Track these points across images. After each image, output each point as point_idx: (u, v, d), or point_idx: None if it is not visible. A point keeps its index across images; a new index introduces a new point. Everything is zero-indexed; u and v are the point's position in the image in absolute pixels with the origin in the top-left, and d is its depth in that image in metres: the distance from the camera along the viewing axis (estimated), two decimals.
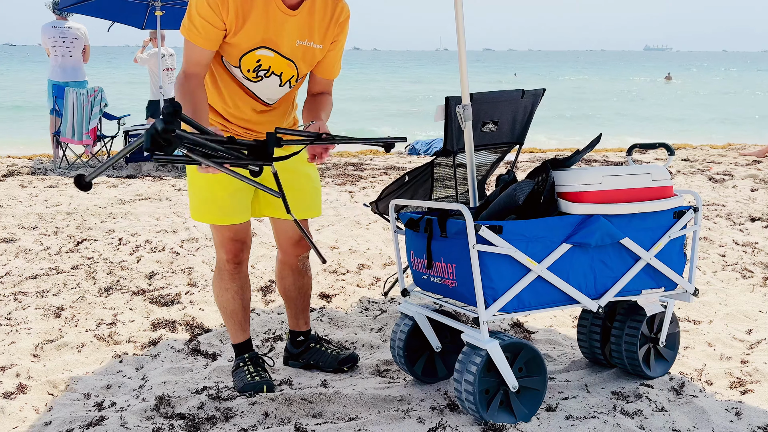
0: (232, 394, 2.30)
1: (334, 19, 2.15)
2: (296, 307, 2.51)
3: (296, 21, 2.08)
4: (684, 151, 8.97)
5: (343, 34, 2.20)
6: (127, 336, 2.86)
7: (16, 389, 2.36)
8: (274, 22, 2.05)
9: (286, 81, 2.17)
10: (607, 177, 2.17)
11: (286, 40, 2.09)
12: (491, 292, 2.01)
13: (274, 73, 2.13)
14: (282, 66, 2.13)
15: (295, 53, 2.12)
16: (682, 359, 2.60)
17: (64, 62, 7.18)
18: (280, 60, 2.11)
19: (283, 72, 2.14)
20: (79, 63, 7.33)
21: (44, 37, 7.17)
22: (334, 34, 2.17)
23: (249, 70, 2.11)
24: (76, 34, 7.23)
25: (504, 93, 2.85)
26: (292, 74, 2.16)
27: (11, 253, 4.03)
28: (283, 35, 2.08)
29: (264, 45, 2.06)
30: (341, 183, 6.42)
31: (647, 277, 2.27)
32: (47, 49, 7.21)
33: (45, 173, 6.82)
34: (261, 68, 2.11)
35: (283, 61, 2.12)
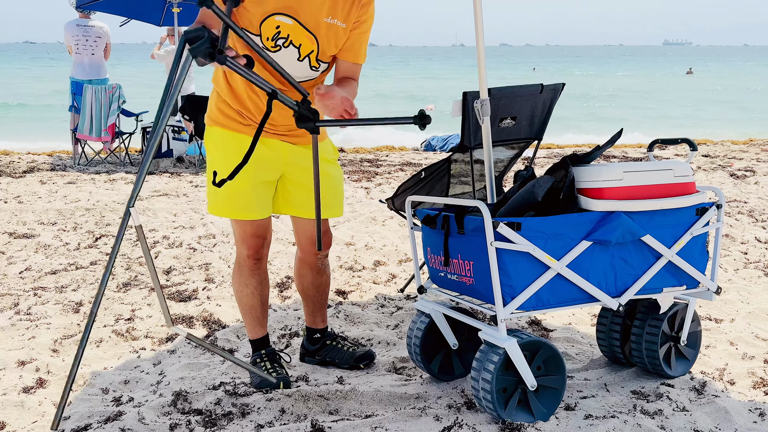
0: (248, 390, 2.30)
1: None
2: (314, 305, 2.50)
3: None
4: (705, 146, 8.84)
5: (367, 15, 2.16)
6: (145, 331, 2.88)
7: (36, 384, 2.38)
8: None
9: (304, 56, 2.11)
10: (628, 173, 2.13)
11: (309, 12, 2.06)
12: (509, 289, 1.99)
13: (292, 43, 2.08)
14: (301, 37, 2.08)
15: (319, 29, 2.09)
16: (704, 358, 2.55)
17: (87, 60, 7.25)
18: (299, 29, 2.07)
19: (302, 44, 2.09)
20: (101, 61, 7.39)
21: (68, 35, 7.23)
22: (356, 14, 2.13)
23: (268, 37, 2.06)
24: (99, 33, 7.29)
25: (522, 88, 2.82)
26: (311, 48, 2.11)
27: (31, 248, 4.08)
28: (306, 6, 2.05)
29: (284, 12, 2.03)
30: (357, 179, 6.42)
31: (669, 275, 2.23)
32: (69, 46, 7.27)
33: (64, 169, 6.89)
34: (280, 35, 2.06)
35: (303, 31, 2.08)
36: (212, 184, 2.16)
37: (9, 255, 3.95)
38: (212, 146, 2.23)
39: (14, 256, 3.92)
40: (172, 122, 7.44)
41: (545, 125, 3.00)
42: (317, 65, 2.16)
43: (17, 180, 6.24)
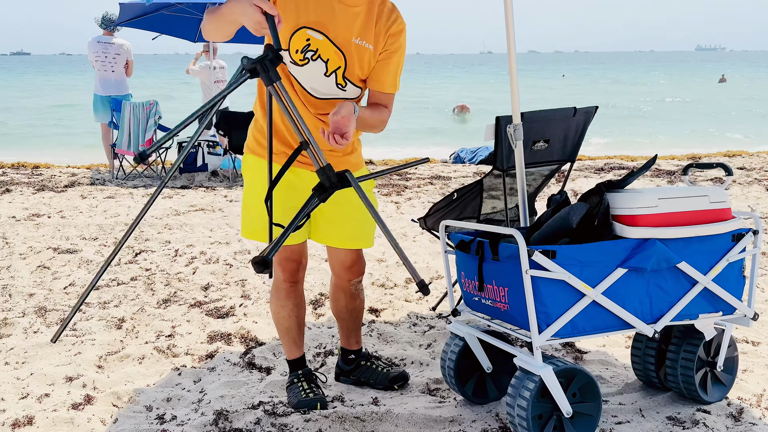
0: (287, 410, 2.36)
1: (388, 24, 2.16)
2: (348, 328, 2.56)
3: (353, 16, 2.11)
4: (740, 158, 8.68)
5: (396, 44, 2.19)
6: (185, 348, 2.97)
7: (84, 400, 2.48)
8: (330, 8, 2.09)
9: (331, 71, 2.15)
10: (663, 200, 2.14)
11: (339, 29, 2.11)
12: (544, 317, 2.02)
13: (320, 57, 2.13)
14: (329, 52, 2.13)
15: (349, 48, 2.14)
16: (741, 383, 2.53)
17: (106, 76, 7.46)
18: (328, 45, 2.12)
19: (329, 59, 2.13)
20: (122, 77, 7.57)
21: (89, 51, 7.48)
22: (385, 41, 2.17)
23: (297, 50, 2.11)
24: (119, 50, 7.49)
25: (556, 111, 2.84)
26: (338, 64, 2.14)
27: (74, 263, 4.22)
28: (338, 23, 2.11)
29: (314, 26, 2.09)
30: (387, 193, 6.47)
31: (704, 302, 2.23)
32: (93, 63, 7.50)
33: (103, 183, 7.10)
34: (309, 48, 2.11)
35: (332, 47, 2.12)
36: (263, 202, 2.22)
37: (54, 270, 4.09)
38: (248, 173, 2.31)
39: (59, 272, 4.06)
40: (207, 137, 7.61)
41: (578, 148, 3.01)
42: (344, 83, 2.18)
43: (59, 194, 6.45)
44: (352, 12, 2.11)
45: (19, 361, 2.83)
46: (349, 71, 2.17)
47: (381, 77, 2.22)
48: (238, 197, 6.37)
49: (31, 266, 4.16)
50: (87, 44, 7.52)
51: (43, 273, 4.04)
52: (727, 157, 8.92)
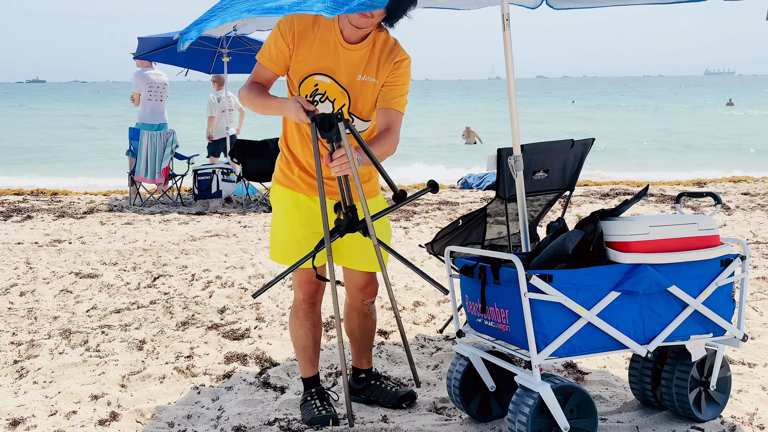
0: (301, 427, 2.50)
1: (391, 58, 2.36)
2: (360, 348, 2.70)
3: (356, 56, 2.33)
4: (745, 184, 8.79)
5: (401, 71, 2.36)
6: (204, 368, 3.11)
7: (109, 417, 2.63)
8: (334, 54, 2.32)
9: (338, 110, 2.36)
10: (654, 227, 2.29)
11: (344, 71, 2.33)
12: (543, 337, 2.15)
13: (328, 98, 2.36)
14: (335, 93, 2.36)
15: (353, 86, 2.35)
16: (735, 402, 2.64)
17: (155, 106, 7.73)
18: (335, 87, 2.35)
19: (336, 99, 2.36)
20: (164, 107, 7.88)
21: (141, 83, 7.67)
22: (389, 71, 2.36)
23: (307, 95, 2.35)
24: (165, 81, 7.84)
25: (555, 143, 3.01)
26: (343, 102, 2.36)
27: (95, 288, 4.40)
28: (341, 66, 2.33)
29: (321, 72, 2.33)
30: (395, 219, 6.64)
31: (695, 323, 2.35)
32: (137, 94, 7.72)
33: (121, 210, 7.32)
34: (317, 92, 2.35)
35: (338, 88, 2.35)
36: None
37: (76, 294, 4.27)
38: (274, 202, 2.50)
39: (81, 295, 4.24)
40: (221, 164, 7.85)
41: (576, 177, 3.17)
42: (350, 119, 2.38)
43: (79, 221, 6.67)
44: (356, 54, 2.33)
45: (47, 380, 2.99)
46: (353, 107, 2.39)
47: (388, 97, 2.38)
48: (252, 223, 6.56)
49: (55, 290, 4.34)
50: (136, 76, 7.73)
51: (66, 297, 4.22)
52: (732, 182, 9.03)
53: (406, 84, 2.40)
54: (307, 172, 2.44)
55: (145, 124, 7.65)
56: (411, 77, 2.43)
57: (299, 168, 2.45)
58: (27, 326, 3.68)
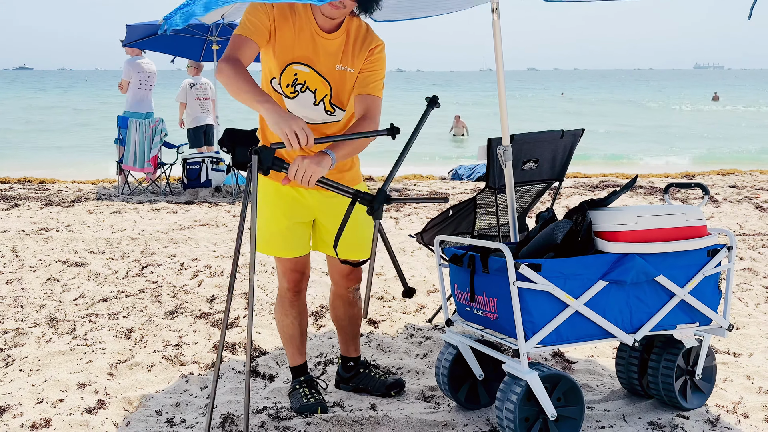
0: (289, 414, 2.50)
1: (365, 46, 2.34)
2: (347, 335, 2.71)
3: (333, 45, 2.30)
4: (733, 177, 8.86)
5: (376, 57, 2.33)
6: (192, 357, 3.11)
7: (97, 405, 2.62)
8: (312, 43, 2.28)
9: (319, 100, 2.33)
10: (642, 217, 2.30)
11: (323, 60, 2.30)
12: (531, 325, 2.17)
13: (308, 88, 2.32)
14: (316, 83, 2.32)
15: (333, 76, 2.33)
16: (720, 391, 2.67)
17: (143, 95, 7.64)
18: (315, 76, 2.31)
19: (317, 89, 2.33)
20: (151, 96, 7.80)
21: (132, 71, 7.57)
22: (363, 58, 2.34)
23: (288, 84, 2.32)
24: (154, 70, 7.74)
25: (544, 133, 3.01)
26: (325, 92, 2.33)
27: (83, 276, 4.37)
28: (320, 55, 2.30)
29: (300, 61, 2.29)
30: (386, 209, 6.63)
31: (682, 313, 2.37)
32: (126, 81, 7.62)
33: (109, 199, 7.26)
34: (297, 82, 2.31)
35: (318, 78, 2.32)
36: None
37: (63, 282, 4.24)
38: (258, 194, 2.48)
39: (68, 284, 4.21)
40: (211, 154, 7.79)
41: (566, 167, 3.18)
42: (332, 110, 2.36)
43: (66, 209, 6.62)
44: (333, 43, 2.31)
45: (34, 368, 2.97)
46: (335, 97, 2.36)
47: (365, 83, 2.34)
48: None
49: (42, 278, 4.31)
50: (126, 64, 7.63)
51: (53, 285, 4.18)
52: (720, 175, 9.10)
53: (381, 69, 2.38)
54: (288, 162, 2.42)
55: (133, 113, 7.58)
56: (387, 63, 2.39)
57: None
58: (13, 314, 3.65)
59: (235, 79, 2.12)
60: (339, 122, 2.40)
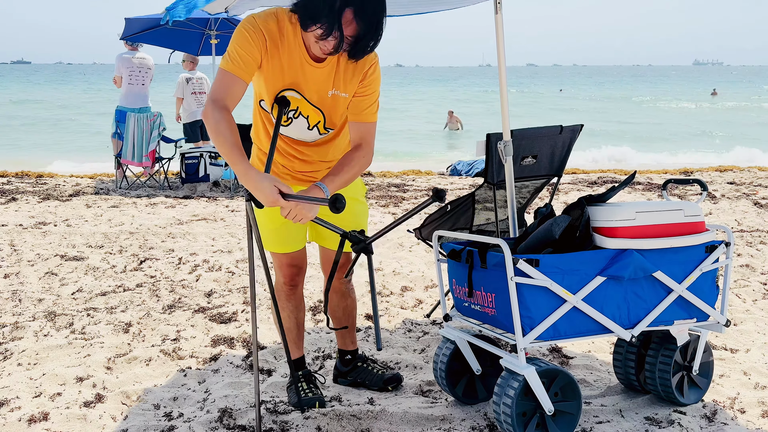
0: (287, 409, 2.51)
1: (359, 68, 2.24)
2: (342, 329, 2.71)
3: (324, 72, 2.21)
4: (731, 173, 8.87)
5: (368, 81, 2.23)
6: (190, 351, 3.11)
7: (95, 399, 2.62)
8: (301, 70, 2.19)
9: (313, 125, 2.30)
10: (640, 213, 2.30)
11: (313, 88, 2.22)
12: (528, 321, 2.17)
13: (301, 114, 2.26)
14: (308, 110, 2.25)
15: (324, 103, 2.25)
16: (717, 387, 2.68)
17: (138, 90, 7.61)
18: (305, 103, 2.25)
19: (309, 115, 2.27)
20: (147, 91, 7.77)
21: (122, 66, 7.56)
22: (357, 81, 2.25)
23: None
24: (149, 65, 7.71)
25: (543, 129, 3.01)
26: (318, 119, 2.28)
27: (81, 270, 4.37)
28: (310, 83, 2.21)
29: (290, 87, 2.21)
30: (384, 204, 6.63)
31: (679, 309, 2.38)
32: (119, 77, 7.60)
33: (107, 193, 7.25)
34: (290, 109, 2.25)
35: (309, 105, 2.24)
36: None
37: (61, 276, 4.23)
38: None
39: (66, 278, 4.21)
40: (209, 148, 7.78)
41: (565, 163, 3.18)
42: (326, 132, 2.33)
43: (64, 203, 6.61)
44: (323, 72, 2.21)
45: (31, 362, 2.97)
46: (329, 122, 2.30)
47: (358, 109, 2.28)
48: (240, 207, 6.53)
49: (39, 272, 4.30)
50: (117, 59, 7.60)
51: (51, 279, 4.18)
52: (718, 171, 9.11)
53: (375, 91, 2.30)
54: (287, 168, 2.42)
55: (126, 108, 7.56)
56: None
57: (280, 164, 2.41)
58: (11, 308, 3.65)
59: (216, 132, 2.06)
60: (329, 135, 2.37)
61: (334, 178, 2.17)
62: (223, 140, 2.05)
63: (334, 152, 2.42)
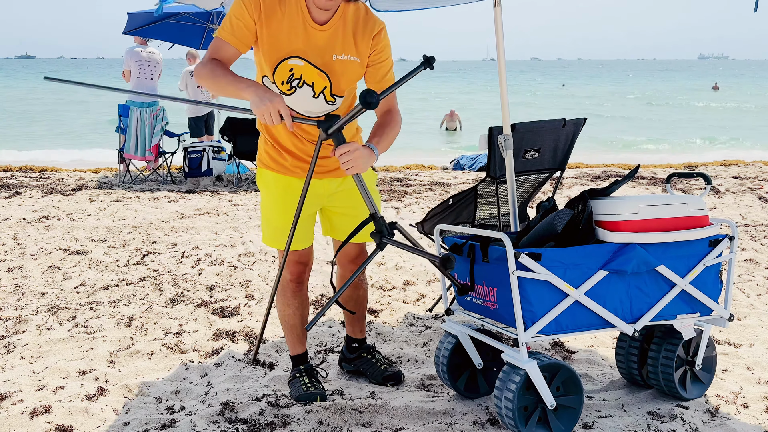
0: (289, 402, 2.51)
1: (368, 30, 2.25)
2: (352, 317, 2.73)
3: (328, 35, 2.21)
4: (736, 168, 8.83)
5: (381, 45, 2.27)
6: (192, 345, 3.11)
7: (97, 392, 2.62)
8: (304, 34, 2.19)
9: (319, 92, 2.27)
10: (643, 207, 2.29)
11: (318, 52, 2.21)
12: (530, 315, 2.16)
13: (305, 82, 2.24)
14: (313, 75, 2.23)
15: (331, 67, 2.24)
16: (720, 382, 2.67)
17: (145, 84, 7.60)
18: (311, 69, 2.23)
19: (314, 82, 2.25)
20: (156, 85, 7.76)
21: (131, 60, 7.54)
22: (369, 46, 2.26)
23: (283, 81, 2.24)
24: (158, 59, 7.69)
25: (546, 122, 2.99)
26: (324, 85, 2.26)
27: (84, 264, 4.37)
28: (314, 47, 2.21)
29: (294, 54, 2.20)
30: (388, 199, 6.62)
31: (682, 303, 2.37)
32: (128, 71, 7.58)
33: (111, 187, 7.26)
34: (293, 77, 2.23)
35: (314, 70, 2.22)
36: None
37: (64, 270, 4.24)
38: (263, 187, 2.48)
39: (69, 272, 4.21)
40: (212, 142, 7.78)
41: (568, 157, 3.16)
42: (333, 99, 2.31)
43: (68, 197, 6.62)
44: (326, 34, 2.21)
45: (34, 355, 2.98)
46: (336, 87, 2.29)
47: (378, 77, 2.31)
48: (242, 201, 6.53)
49: (43, 266, 4.31)
50: (126, 53, 7.59)
51: (54, 273, 4.19)
52: (723, 165, 9.07)
53: (389, 56, 2.33)
54: (299, 159, 2.40)
55: (135, 102, 7.55)
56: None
57: (292, 156, 2.39)
58: (14, 302, 3.65)
59: (212, 74, 2.12)
60: (339, 109, 2.37)
61: (380, 140, 2.21)
62: (221, 78, 2.11)
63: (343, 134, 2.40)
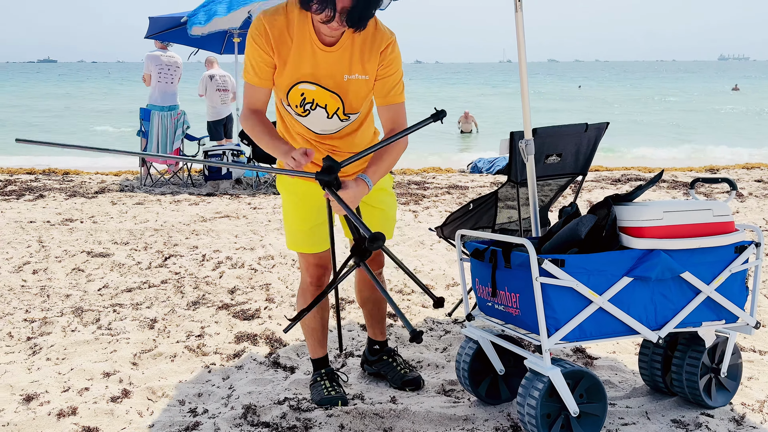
0: (310, 406, 2.52)
1: (375, 48, 2.22)
2: (372, 318, 2.76)
3: (337, 57, 2.20)
4: (758, 171, 8.70)
5: (388, 60, 2.22)
6: (214, 348, 3.14)
7: (121, 394, 2.66)
8: (313, 58, 2.18)
9: (332, 113, 2.28)
10: (668, 213, 2.26)
11: (329, 74, 2.21)
12: (553, 321, 2.15)
13: (318, 105, 2.25)
14: (325, 98, 2.23)
15: (342, 87, 2.23)
16: (745, 390, 2.63)
17: (166, 88, 7.67)
18: (322, 92, 2.23)
19: (327, 104, 2.25)
20: (176, 89, 7.84)
21: (151, 64, 7.61)
22: (376, 62, 2.23)
23: (296, 105, 2.26)
24: (178, 63, 7.77)
25: (568, 127, 2.98)
26: (337, 106, 2.25)
27: (107, 267, 4.43)
28: (323, 69, 2.20)
29: (303, 80, 2.20)
30: (405, 202, 6.62)
31: (708, 310, 2.34)
32: (148, 75, 7.66)
33: (132, 190, 7.35)
34: (306, 101, 2.24)
35: (326, 93, 2.22)
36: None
37: (88, 273, 4.30)
38: (283, 191, 2.50)
39: (92, 274, 4.27)
40: (231, 146, 7.85)
41: (590, 161, 3.14)
42: (347, 117, 2.31)
43: (90, 200, 6.71)
44: (335, 55, 2.20)
45: (60, 357, 3.02)
46: (348, 107, 2.28)
47: (384, 91, 2.28)
48: (261, 204, 6.57)
49: (67, 269, 4.38)
50: (147, 58, 7.67)
51: (78, 275, 4.25)
52: (745, 169, 8.94)
53: (398, 70, 2.28)
54: (317, 165, 2.41)
55: (155, 106, 7.64)
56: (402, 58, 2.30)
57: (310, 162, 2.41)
58: (40, 304, 3.71)
59: (253, 132, 2.27)
60: (354, 122, 2.37)
61: (376, 169, 2.23)
62: (260, 138, 2.24)
63: (361, 142, 2.42)
